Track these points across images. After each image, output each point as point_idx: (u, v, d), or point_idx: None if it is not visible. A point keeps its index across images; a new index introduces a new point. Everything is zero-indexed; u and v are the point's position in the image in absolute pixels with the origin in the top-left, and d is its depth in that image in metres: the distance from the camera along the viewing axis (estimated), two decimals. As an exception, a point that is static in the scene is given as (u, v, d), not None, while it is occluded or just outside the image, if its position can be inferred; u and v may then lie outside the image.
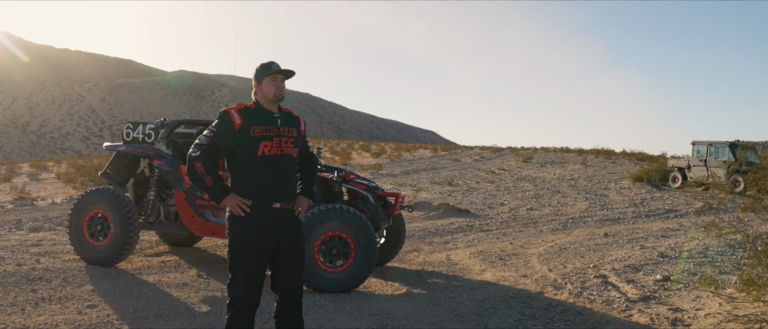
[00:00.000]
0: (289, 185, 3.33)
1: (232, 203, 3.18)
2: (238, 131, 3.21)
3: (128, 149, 6.16)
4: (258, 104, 3.35)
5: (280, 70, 3.32)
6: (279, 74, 3.33)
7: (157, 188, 6.15)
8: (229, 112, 3.28)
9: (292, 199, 3.36)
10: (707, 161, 19.89)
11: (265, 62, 3.38)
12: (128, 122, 6.31)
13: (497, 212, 12.10)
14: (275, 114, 3.34)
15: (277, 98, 3.31)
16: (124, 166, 6.48)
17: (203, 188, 3.21)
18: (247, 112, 3.30)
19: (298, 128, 3.42)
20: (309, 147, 3.60)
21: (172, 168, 5.92)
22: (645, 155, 32.22)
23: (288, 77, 3.41)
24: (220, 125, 3.24)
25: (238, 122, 3.23)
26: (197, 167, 3.20)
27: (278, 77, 3.33)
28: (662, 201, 15.23)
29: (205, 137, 3.24)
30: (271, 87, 3.30)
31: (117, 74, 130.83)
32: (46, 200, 13.28)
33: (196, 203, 5.81)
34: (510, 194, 15.76)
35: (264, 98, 3.35)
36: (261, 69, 3.37)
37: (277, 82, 3.32)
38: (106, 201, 5.92)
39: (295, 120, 3.43)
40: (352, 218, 5.22)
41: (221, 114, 3.29)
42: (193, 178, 3.22)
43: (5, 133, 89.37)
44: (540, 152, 36.58)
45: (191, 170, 3.21)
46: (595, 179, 21.26)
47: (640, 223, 11.16)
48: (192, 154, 3.22)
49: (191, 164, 3.20)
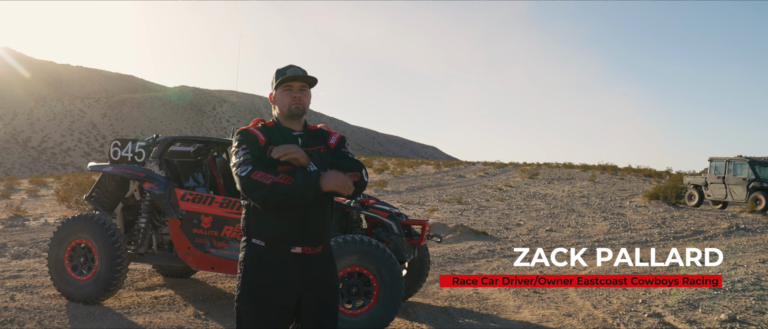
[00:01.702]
0: (314, 225, 2.61)
1: (339, 181, 2.49)
2: (264, 148, 2.58)
3: (115, 170, 5.42)
4: (277, 121, 2.72)
5: (295, 77, 2.63)
6: (295, 82, 2.64)
7: (148, 215, 5.40)
8: (249, 129, 2.65)
9: (319, 242, 2.64)
10: (725, 179, 19.23)
11: (280, 67, 2.70)
12: (116, 139, 5.57)
13: (516, 234, 11.45)
14: (295, 132, 2.68)
15: (293, 113, 2.64)
16: (111, 189, 5.72)
17: (286, 192, 2.45)
18: (266, 130, 2.66)
19: (327, 144, 2.73)
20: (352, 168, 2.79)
21: (165, 192, 5.17)
22: (653, 172, 31.87)
23: (311, 85, 2.71)
24: (245, 141, 2.59)
25: (262, 138, 2.61)
26: (259, 178, 2.45)
27: (294, 86, 2.65)
28: (684, 221, 14.59)
29: (241, 153, 2.56)
30: (284, 99, 2.65)
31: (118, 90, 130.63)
32: (38, 221, 12.80)
33: (192, 232, 5.07)
34: (524, 214, 15.23)
35: (280, 113, 2.70)
36: (274, 76, 2.70)
37: (293, 91, 2.65)
38: (90, 229, 5.18)
39: (322, 137, 2.73)
40: (375, 252, 4.46)
41: (241, 132, 2.65)
42: (264, 196, 2.45)
43: (6, 149, 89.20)
44: (544, 168, 36.13)
45: (253, 188, 2.45)
46: (606, 196, 20.76)
47: (669, 246, 10.46)
48: (241, 172, 2.49)
49: (250, 183, 2.45)
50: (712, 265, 7.91)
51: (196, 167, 5.91)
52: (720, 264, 8.12)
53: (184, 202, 5.13)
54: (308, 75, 2.67)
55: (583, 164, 36.79)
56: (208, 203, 5.07)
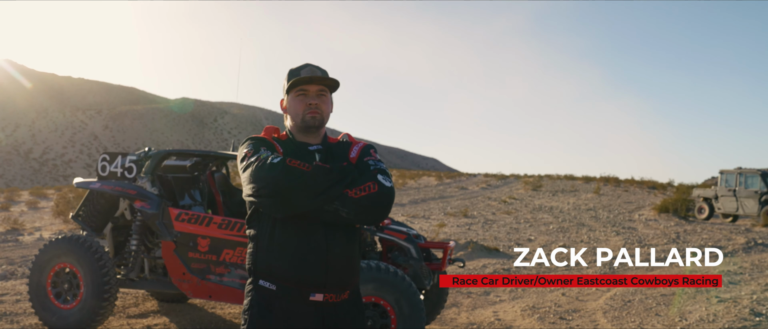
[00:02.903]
0: (340, 263, 2.09)
1: None
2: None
3: (103, 187, 4.92)
4: (290, 134, 2.24)
5: (311, 79, 2.13)
6: (311, 85, 2.15)
7: (139, 237, 4.91)
8: (264, 137, 2.19)
9: (346, 286, 2.13)
10: (737, 192, 18.78)
11: (294, 67, 2.21)
12: (104, 153, 5.07)
13: (529, 251, 10.98)
14: (312, 147, 2.19)
15: (308, 124, 2.15)
16: (100, 207, 5.22)
17: (328, 180, 2.02)
18: (278, 143, 2.19)
19: (348, 160, 2.22)
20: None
21: (157, 211, 4.67)
22: (657, 184, 31.56)
23: (332, 89, 2.23)
24: (262, 145, 2.12)
25: (280, 150, 2.14)
26: (299, 165, 2.00)
27: (310, 90, 2.16)
28: (698, 235, 14.19)
29: (262, 151, 2.09)
30: (298, 106, 2.16)
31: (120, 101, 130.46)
32: (33, 235, 12.45)
33: (188, 256, 4.58)
34: (533, 228, 14.92)
35: (293, 125, 2.22)
36: (286, 78, 2.21)
37: (309, 97, 2.15)
38: (75, 253, 4.69)
39: (345, 151, 2.23)
40: (393, 280, 3.97)
41: (254, 138, 2.18)
42: (304, 183, 1.98)
43: (7, 160, 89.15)
44: (546, 180, 35.82)
45: (292, 175, 1.97)
46: (613, 209, 20.41)
47: (691, 264, 9.97)
48: (272, 159, 2.01)
49: (286, 169, 1.97)
50: (741, 289, 7.44)
51: (193, 183, 5.42)
52: (750, 286, 7.65)
53: (179, 222, 4.64)
54: (328, 76, 2.16)
55: (585, 175, 36.65)
56: (205, 224, 4.57)
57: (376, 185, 2.03)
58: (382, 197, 2.03)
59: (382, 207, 2.04)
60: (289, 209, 1.98)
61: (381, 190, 2.03)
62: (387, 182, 2.06)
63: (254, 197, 1.99)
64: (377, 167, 2.12)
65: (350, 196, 1.99)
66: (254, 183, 1.97)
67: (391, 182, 2.09)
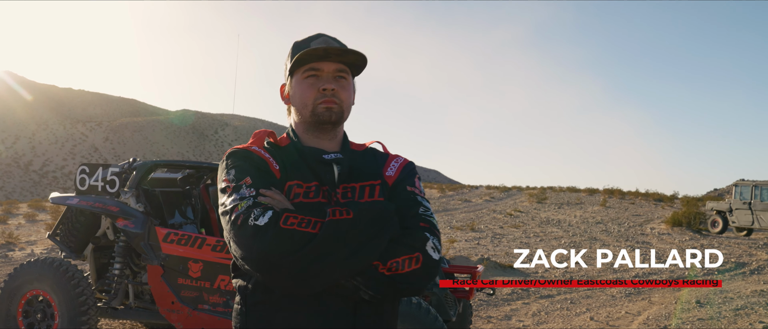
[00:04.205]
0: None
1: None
2: (280, 183, 1.48)
3: (81, 203, 4.32)
4: (294, 135, 1.58)
5: (327, 51, 1.47)
6: (325, 62, 1.50)
7: (123, 260, 4.31)
8: (250, 150, 1.53)
9: None
10: (752, 205, 18.30)
11: (300, 39, 1.57)
12: (83, 164, 4.49)
13: (544, 268, 10.44)
14: (327, 155, 1.54)
15: (320, 118, 1.51)
16: (79, 226, 4.60)
17: (336, 233, 1.34)
18: (277, 152, 1.54)
19: (382, 178, 1.57)
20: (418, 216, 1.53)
21: (142, 231, 4.07)
22: (663, 196, 31.20)
23: (356, 70, 1.58)
24: (245, 168, 1.46)
25: (274, 165, 1.50)
26: (300, 226, 1.34)
27: (325, 69, 1.50)
28: (716, 250, 13.67)
29: (243, 191, 1.41)
30: (306, 93, 1.51)
31: (120, 113, 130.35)
32: (24, 251, 12.05)
33: (177, 282, 3.99)
34: (544, 243, 14.54)
35: (300, 119, 1.56)
36: (290, 53, 1.57)
37: (322, 79, 1.51)
38: (49, 278, 4.11)
39: (375, 164, 1.60)
40: (415, 313, 3.38)
41: (234, 154, 1.51)
42: (308, 255, 1.32)
43: (7, 172, 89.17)
44: (549, 192, 35.38)
45: (292, 249, 1.31)
46: (622, 222, 20.05)
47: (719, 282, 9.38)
48: (255, 218, 1.35)
49: (282, 237, 1.31)
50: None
51: (184, 198, 4.82)
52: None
53: (168, 244, 4.03)
54: (350, 49, 1.51)
55: (588, 187, 36.28)
56: (197, 246, 3.98)
57: (421, 259, 1.39)
58: (425, 277, 1.41)
59: (421, 287, 1.43)
60: (295, 291, 1.37)
61: (426, 265, 1.40)
62: (436, 253, 1.43)
63: (245, 265, 1.39)
64: (426, 218, 1.49)
65: (380, 272, 1.36)
66: (240, 250, 1.36)
67: (440, 242, 1.47)
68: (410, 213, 1.48)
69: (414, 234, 1.43)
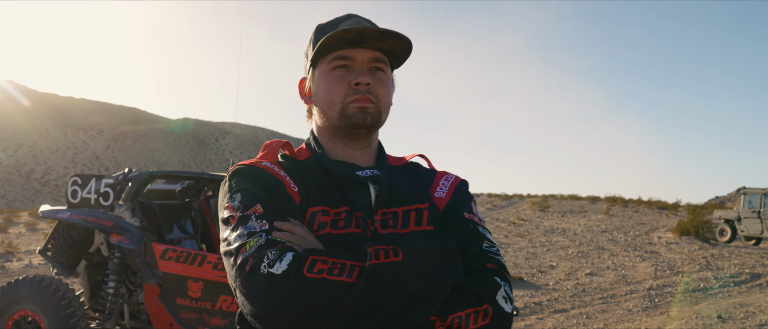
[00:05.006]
0: None
1: None
2: (300, 209, 1.16)
3: (72, 217, 4.03)
4: (316, 145, 1.26)
5: (361, 33, 1.15)
6: (359, 48, 1.19)
7: (117, 278, 4.02)
8: (260, 167, 1.19)
9: None
10: (761, 213, 18.06)
11: (322, 22, 1.27)
12: (75, 175, 4.21)
13: (555, 280, 10.22)
14: (362, 172, 1.22)
15: (352, 122, 1.18)
16: (71, 241, 4.31)
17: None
18: (295, 169, 1.22)
19: (430, 200, 1.26)
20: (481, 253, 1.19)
21: (138, 247, 3.78)
22: (667, 204, 31.01)
23: (395, 62, 1.27)
24: (255, 193, 1.12)
25: (292, 187, 1.17)
26: (329, 274, 1.00)
27: (357, 59, 1.19)
28: (728, 261, 13.52)
29: (253, 223, 1.07)
30: (334, 89, 1.19)
31: (121, 122, 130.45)
32: (22, 261, 11.87)
33: (176, 303, 3.71)
34: (551, 252, 14.34)
35: (324, 123, 1.24)
36: (312, 38, 1.26)
37: (355, 71, 1.19)
38: (37, 298, 3.85)
39: (421, 183, 1.30)
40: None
41: (240, 172, 1.18)
42: (360, 303, 0.98)
43: (9, 180, 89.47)
44: (551, 200, 35.19)
45: (315, 303, 0.97)
46: (628, 230, 19.85)
47: (736, 294, 9.12)
48: (269, 265, 1.00)
49: (304, 289, 0.98)
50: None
51: (184, 212, 4.53)
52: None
53: (165, 261, 3.75)
54: (391, 30, 1.16)
55: (590, 195, 36.10)
56: (197, 264, 3.69)
57: (491, 313, 1.08)
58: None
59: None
60: None
61: (497, 320, 1.08)
62: (508, 304, 1.11)
63: (257, 324, 1.04)
64: (494, 257, 1.17)
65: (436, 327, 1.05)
66: (250, 306, 1.02)
67: (512, 289, 1.15)
68: (472, 250, 1.16)
69: (481, 280, 1.11)
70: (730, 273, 11.23)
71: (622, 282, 10.04)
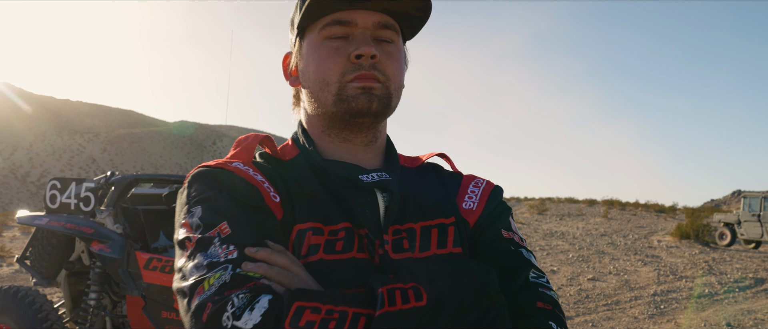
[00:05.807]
0: None
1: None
2: (282, 225, 0.85)
3: (51, 224, 3.77)
4: (306, 141, 0.95)
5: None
6: (358, 12, 0.89)
7: (99, 288, 3.76)
8: (229, 169, 0.87)
9: None
10: (761, 217, 17.96)
11: None
12: (54, 179, 3.95)
13: (557, 286, 10.14)
14: (366, 176, 0.89)
15: (354, 108, 0.88)
16: (51, 249, 4.04)
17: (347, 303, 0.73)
18: (274, 170, 0.91)
19: (457, 213, 0.95)
20: (520, 269, 0.92)
21: (121, 256, 3.53)
22: (665, 207, 31.14)
23: (409, 29, 0.96)
24: (218, 206, 0.82)
25: (271, 196, 0.87)
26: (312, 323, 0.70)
27: (358, 23, 0.88)
28: (730, 265, 13.43)
29: (214, 250, 0.77)
30: (330, 62, 0.88)
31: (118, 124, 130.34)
32: (12, 267, 11.66)
33: (161, 316, 3.46)
34: (551, 256, 14.27)
35: (316, 110, 0.93)
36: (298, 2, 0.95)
37: (356, 40, 0.88)
38: (11, 310, 3.60)
39: (446, 191, 1.00)
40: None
41: (200, 175, 0.87)
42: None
43: (5, 183, 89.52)
44: (549, 203, 35.22)
45: None
46: (627, 234, 19.81)
47: (742, 300, 8.93)
48: (231, 313, 0.70)
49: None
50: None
51: (170, 218, 4.28)
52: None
53: (150, 271, 3.50)
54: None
55: (588, 198, 36.23)
56: None
57: None
58: None
59: None
60: None
61: None
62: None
63: None
64: (545, 293, 0.89)
65: None
66: None
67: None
68: (517, 282, 0.88)
69: (531, 295, 0.86)
70: (733, 278, 11.04)
71: (625, 288, 9.85)
